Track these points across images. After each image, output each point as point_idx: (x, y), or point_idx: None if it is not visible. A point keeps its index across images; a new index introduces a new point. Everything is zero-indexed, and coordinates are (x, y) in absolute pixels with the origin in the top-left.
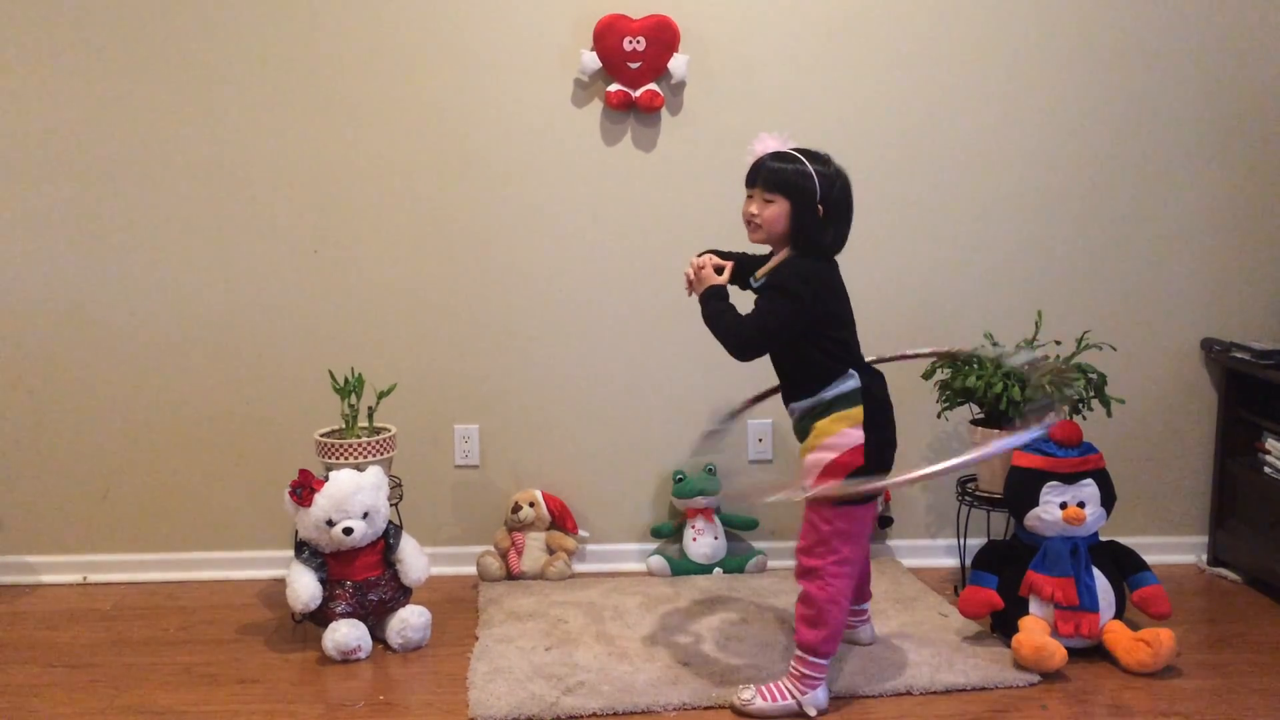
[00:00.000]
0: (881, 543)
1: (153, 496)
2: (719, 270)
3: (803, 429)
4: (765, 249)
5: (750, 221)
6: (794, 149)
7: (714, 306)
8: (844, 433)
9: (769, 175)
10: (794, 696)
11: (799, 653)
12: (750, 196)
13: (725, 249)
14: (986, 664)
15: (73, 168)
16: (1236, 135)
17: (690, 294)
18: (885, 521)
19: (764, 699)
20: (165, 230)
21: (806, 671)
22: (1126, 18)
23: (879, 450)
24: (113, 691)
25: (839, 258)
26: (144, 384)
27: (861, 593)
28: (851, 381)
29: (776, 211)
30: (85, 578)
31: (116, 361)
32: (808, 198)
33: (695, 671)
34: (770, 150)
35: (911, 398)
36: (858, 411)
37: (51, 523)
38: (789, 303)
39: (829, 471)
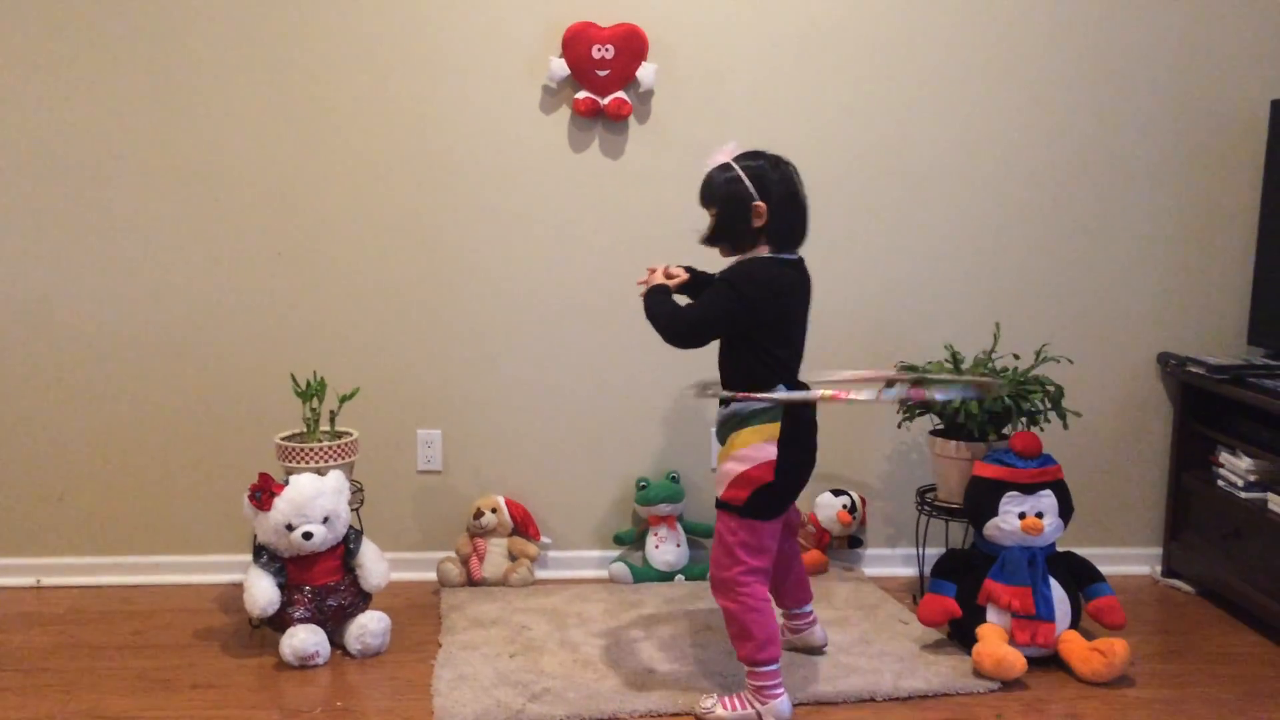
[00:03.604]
0: (856, 565)
1: (109, 499)
2: (670, 278)
3: (722, 435)
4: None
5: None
6: (736, 156)
7: (652, 299)
8: (758, 446)
9: (702, 190)
10: (754, 707)
11: (746, 667)
12: None
13: (691, 259)
14: (947, 671)
15: (32, 167)
16: (1193, 153)
17: (642, 295)
18: (855, 542)
19: (725, 708)
20: (125, 230)
21: (760, 683)
22: (1089, 38)
23: (792, 469)
24: (65, 696)
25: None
26: (101, 385)
27: (800, 594)
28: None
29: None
30: (39, 581)
31: (73, 362)
32: (739, 200)
33: (660, 678)
34: (715, 164)
35: (872, 408)
36: (774, 429)
37: (4, 525)
38: (732, 297)
39: (737, 484)
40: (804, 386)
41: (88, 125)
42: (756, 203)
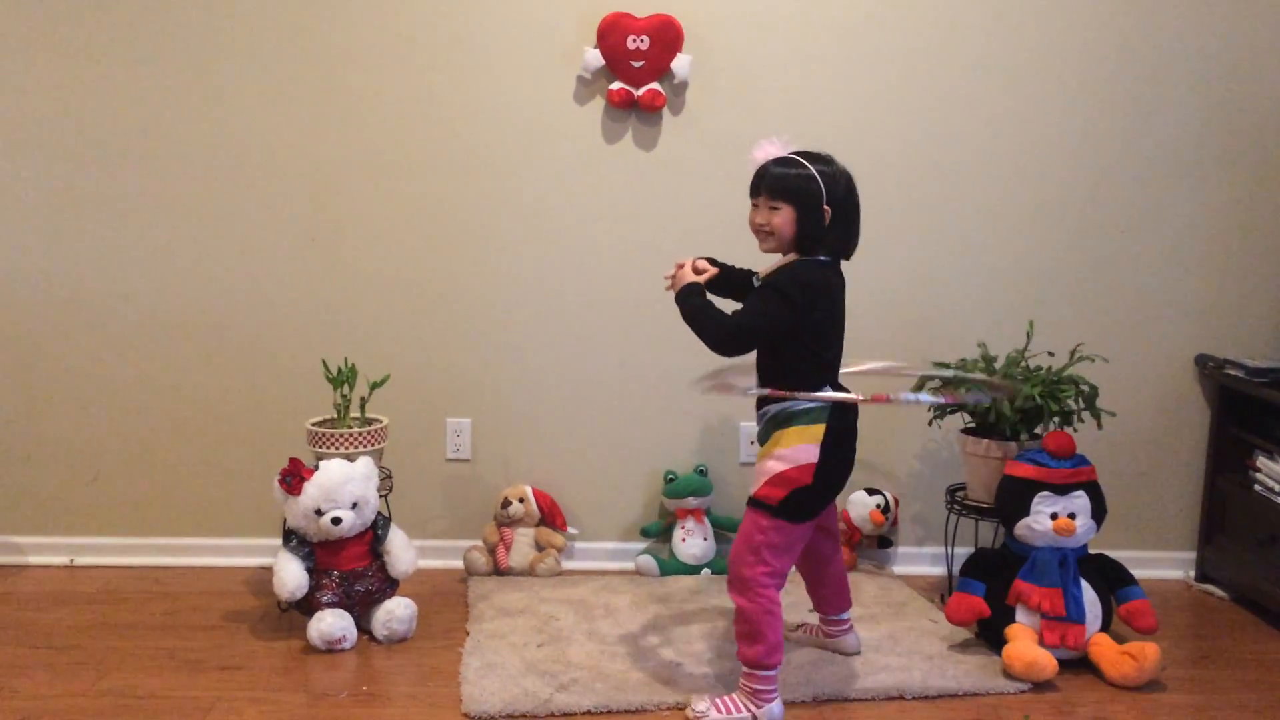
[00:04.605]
0: (885, 564)
1: (142, 481)
2: (699, 273)
3: (764, 434)
4: (756, 264)
5: (760, 230)
6: (795, 152)
7: (691, 303)
8: (801, 447)
9: (773, 182)
10: (749, 709)
11: (745, 669)
12: (756, 206)
13: (723, 252)
14: (975, 670)
15: (67, 152)
16: (1234, 151)
17: (669, 290)
18: (884, 542)
19: (718, 711)
20: (161, 216)
21: (756, 686)
22: (1126, 31)
23: (832, 473)
24: (96, 674)
25: (848, 274)
26: (136, 368)
27: (840, 601)
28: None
29: (784, 218)
30: (72, 560)
31: (109, 345)
32: (814, 201)
33: (687, 671)
34: (771, 156)
35: (902, 405)
36: (818, 430)
37: (39, 504)
38: (780, 302)
39: (775, 482)
40: (844, 389)
41: (124, 112)
42: (826, 205)
